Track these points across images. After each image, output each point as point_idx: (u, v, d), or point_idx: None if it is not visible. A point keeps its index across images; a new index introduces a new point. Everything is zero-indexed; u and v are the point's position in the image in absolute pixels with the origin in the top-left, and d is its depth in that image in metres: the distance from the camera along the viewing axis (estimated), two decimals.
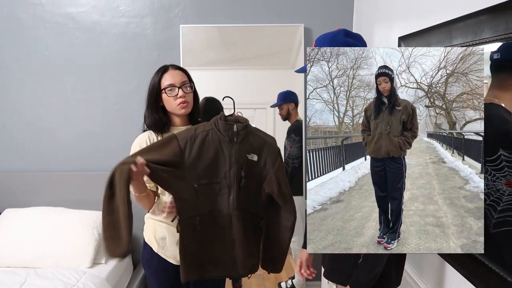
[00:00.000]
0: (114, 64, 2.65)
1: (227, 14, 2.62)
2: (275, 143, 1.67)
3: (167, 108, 1.63)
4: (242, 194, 1.57)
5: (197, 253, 1.56)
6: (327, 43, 1.33)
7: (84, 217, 2.41)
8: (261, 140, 1.64)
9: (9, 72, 2.64)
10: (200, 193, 1.54)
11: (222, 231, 1.58)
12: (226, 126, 1.55)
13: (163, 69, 1.63)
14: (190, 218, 1.54)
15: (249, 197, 1.60)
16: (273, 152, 1.64)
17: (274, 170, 1.62)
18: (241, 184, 1.57)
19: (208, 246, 1.58)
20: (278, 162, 1.64)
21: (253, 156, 1.60)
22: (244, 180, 1.57)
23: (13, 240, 2.30)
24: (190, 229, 1.54)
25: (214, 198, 1.57)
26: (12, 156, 2.71)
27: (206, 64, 2.66)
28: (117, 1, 2.60)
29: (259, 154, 1.61)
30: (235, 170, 1.56)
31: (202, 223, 1.55)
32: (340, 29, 1.37)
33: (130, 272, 2.57)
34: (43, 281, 2.02)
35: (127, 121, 2.67)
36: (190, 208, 1.54)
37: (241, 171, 1.56)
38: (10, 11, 2.59)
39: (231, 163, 1.55)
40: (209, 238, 1.58)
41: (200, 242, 1.56)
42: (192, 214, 1.54)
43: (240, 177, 1.56)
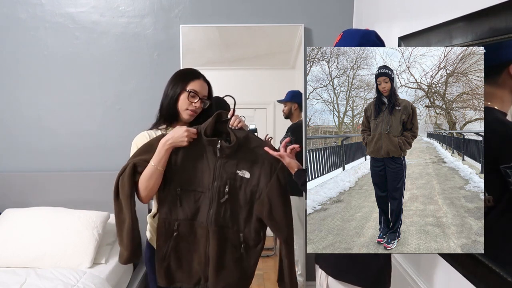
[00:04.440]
0: (114, 64, 2.65)
1: (227, 14, 2.62)
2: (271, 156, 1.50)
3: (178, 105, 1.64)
4: (223, 210, 1.50)
5: (170, 258, 1.54)
6: (358, 39, 1.29)
7: (84, 217, 2.41)
8: (256, 155, 1.50)
9: (9, 72, 2.64)
10: (182, 199, 1.51)
11: (200, 244, 1.53)
12: (209, 141, 1.48)
13: (196, 75, 1.64)
14: (168, 221, 1.52)
15: (234, 214, 1.51)
16: (267, 168, 1.49)
17: (267, 189, 1.48)
18: (222, 200, 1.49)
19: (183, 255, 1.54)
20: (272, 180, 1.48)
21: (245, 172, 1.49)
22: (227, 197, 1.49)
23: (13, 240, 2.29)
24: (168, 232, 1.52)
25: (196, 207, 1.52)
26: (12, 156, 2.71)
27: (206, 64, 2.66)
28: (117, 1, 2.60)
29: (252, 170, 1.50)
30: (218, 184, 1.49)
31: (180, 230, 1.52)
32: (371, 30, 1.34)
33: (130, 272, 2.57)
34: (43, 281, 2.02)
35: (127, 121, 2.67)
36: (170, 211, 1.52)
37: (225, 186, 1.49)
38: (10, 11, 2.59)
39: (215, 176, 1.50)
40: (186, 247, 1.54)
41: (176, 248, 1.53)
42: (171, 218, 1.52)
43: (223, 193, 1.49)
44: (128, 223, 1.50)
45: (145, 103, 2.64)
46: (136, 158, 1.51)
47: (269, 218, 1.47)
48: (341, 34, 1.34)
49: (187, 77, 1.63)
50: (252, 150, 1.50)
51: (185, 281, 1.56)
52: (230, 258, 1.53)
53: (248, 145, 1.51)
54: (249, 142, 1.51)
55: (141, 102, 2.66)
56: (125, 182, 1.48)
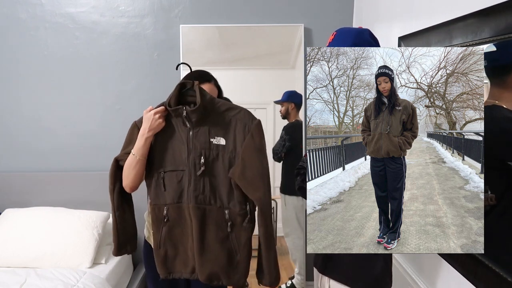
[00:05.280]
0: (114, 64, 2.65)
1: (227, 14, 2.62)
2: (245, 115, 1.40)
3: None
4: (202, 185, 1.40)
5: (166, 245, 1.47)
6: (352, 37, 1.29)
7: (84, 217, 2.41)
8: (229, 118, 1.39)
9: (9, 72, 2.64)
10: (166, 181, 1.44)
11: (189, 227, 1.44)
12: (174, 111, 1.39)
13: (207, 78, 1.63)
14: (158, 207, 1.46)
15: (215, 189, 1.41)
16: (240, 129, 1.38)
17: (242, 149, 1.36)
18: (198, 173, 1.39)
19: (178, 241, 1.47)
20: (246, 139, 1.36)
21: (219, 139, 1.38)
22: (203, 169, 1.38)
23: (13, 240, 2.29)
24: (159, 218, 1.46)
25: (181, 187, 1.43)
26: (12, 156, 2.71)
27: (206, 64, 2.66)
28: (117, 1, 2.60)
29: (227, 136, 1.39)
30: (192, 156, 1.40)
31: (169, 215, 1.45)
32: (365, 28, 1.34)
33: (130, 272, 2.57)
34: (43, 281, 2.02)
35: (127, 121, 2.65)
36: (157, 196, 1.46)
37: (200, 158, 1.38)
38: (10, 11, 2.59)
39: (189, 149, 1.40)
40: (179, 233, 1.46)
41: (170, 235, 1.46)
42: (159, 203, 1.45)
43: (199, 165, 1.39)
44: (112, 217, 1.54)
45: (145, 103, 2.63)
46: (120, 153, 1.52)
47: (241, 178, 1.34)
48: (334, 33, 1.33)
49: (197, 79, 1.60)
50: (223, 113, 1.40)
51: (182, 270, 1.50)
52: (214, 238, 1.41)
53: (217, 109, 1.40)
54: (218, 105, 1.41)
55: (141, 102, 2.66)
56: (108, 178, 1.51)
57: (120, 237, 1.55)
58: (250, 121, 1.39)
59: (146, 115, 1.43)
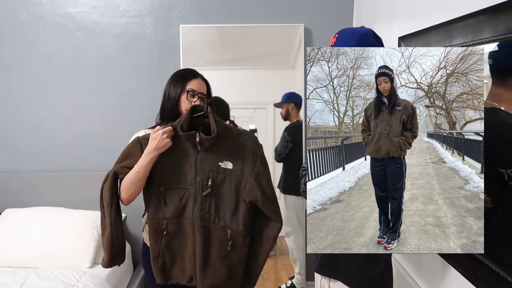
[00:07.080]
0: (114, 64, 2.65)
1: (227, 14, 2.62)
2: (253, 141, 1.50)
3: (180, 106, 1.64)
4: (208, 205, 1.49)
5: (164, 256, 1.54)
6: (355, 40, 1.28)
7: (84, 217, 2.41)
8: (237, 144, 1.48)
9: (9, 72, 2.64)
10: (166, 198, 1.50)
11: (189, 240, 1.52)
12: (186, 136, 1.46)
13: (194, 74, 1.66)
14: (157, 221, 1.51)
15: (220, 209, 1.50)
16: (249, 155, 1.48)
17: (253, 175, 1.47)
18: (204, 193, 1.47)
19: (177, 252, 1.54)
20: (257, 166, 1.47)
21: (227, 163, 1.47)
22: (209, 190, 1.47)
23: (13, 240, 2.29)
24: (158, 231, 1.52)
25: (182, 204, 1.51)
26: (12, 156, 2.71)
27: (206, 64, 2.66)
28: (117, 1, 2.60)
29: (235, 160, 1.48)
30: (200, 178, 1.48)
31: (169, 228, 1.51)
32: (368, 29, 1.33)
33: (130, 272, 2.57)
34: (43, 281, 2.02)
35: (127, 121, 2.67)
36: (156, 211, 1.51)
37: (208, 180, 1.47)
38: (10, 11, 2.59)
39: (196, 170, 1.48)
40: (178, 244, 1.54)
41: (169, 246, 1.53)
42: (159, 217, 1.51)
43: (206, 187, 1.47)
44: (108, 230, 1.50)
45: (145, 103, 2.65)
46: (117, 165, 1.51)
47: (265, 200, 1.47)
48: (336, 36, 1.33)
49: (185, 77, 1.64)
50: (232, 139, 1.48)
51: (180, 277, 1.56)
52: (216, 255, 1.50)
53: (227, 135, 1.48)
54: (228, 131, 1.49)
55: (141, 102, 2.66)
56: (106, 190, 1.49)
57: (114, 249, 1.54)
58: (257, 147, 1.50)
59: (153, 134, 1.45)
